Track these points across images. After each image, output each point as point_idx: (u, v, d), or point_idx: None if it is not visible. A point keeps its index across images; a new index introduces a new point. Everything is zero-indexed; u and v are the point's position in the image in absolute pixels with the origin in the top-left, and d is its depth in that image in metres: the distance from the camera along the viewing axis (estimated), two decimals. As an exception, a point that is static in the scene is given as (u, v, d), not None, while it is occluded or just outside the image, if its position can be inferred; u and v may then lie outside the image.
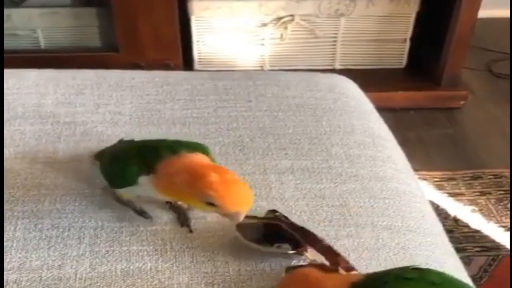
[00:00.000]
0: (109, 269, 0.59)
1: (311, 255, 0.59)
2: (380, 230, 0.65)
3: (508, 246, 1.24)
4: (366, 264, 0.61)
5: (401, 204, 0.69)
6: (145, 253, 0.61)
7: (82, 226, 0.63)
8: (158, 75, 0.89)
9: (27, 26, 1.55)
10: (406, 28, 1.64)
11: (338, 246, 0.62)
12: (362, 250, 0.62)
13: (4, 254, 0.60)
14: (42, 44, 1.58)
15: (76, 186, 0.68)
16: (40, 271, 0.59)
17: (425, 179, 1.43)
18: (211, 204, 0.55)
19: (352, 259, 0.61)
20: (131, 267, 0.60)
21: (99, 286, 0.58)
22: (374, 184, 0.71)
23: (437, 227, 0.71)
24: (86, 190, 0.68)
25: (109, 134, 0.77)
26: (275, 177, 0.71)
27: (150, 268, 0.60)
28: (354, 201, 0.68)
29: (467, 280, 0.65)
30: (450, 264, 0.66)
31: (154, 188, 0.59)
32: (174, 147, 0.60)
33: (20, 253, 0.61)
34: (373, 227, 0.65)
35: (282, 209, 0.66)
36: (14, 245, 0.61)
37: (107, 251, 0.61)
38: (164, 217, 0.65)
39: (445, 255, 0.67)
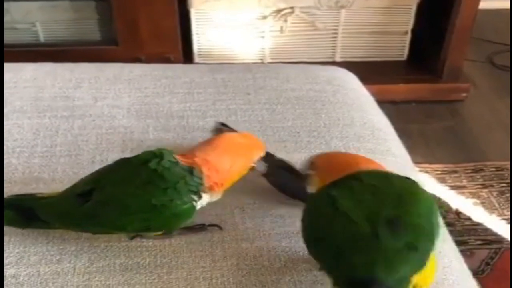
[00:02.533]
0: (108, 264, 0.59)
1: None
2: (379, 223, 0.65)
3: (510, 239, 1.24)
4: (365, 257, 0.61)
5: (400, 198, 0.69)
6: (144, 248, 0.61)
7: (80, 220, 0.63)
8: (157, 68, 0.89)
9: (26, 19, 1.54)
10: (407, 20, 1.63)
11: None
12: None
13: (2, 249, 0.60)
14: (42, 37, 1.58)
15: (74, 180, 0.67)
16: (38, 265, 0.59)
17: (426, 172, 1.42)
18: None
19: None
20: (130, 262, 0.60)
21: (98, 281, 0.58)
22: (373, 178, 0.71)
23: (436, 220, 0.71)
24: (84, 184, 0.68)
25: (107, 128, 0.77)
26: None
27: (149, 263, 0.59)
28: (353, 194, 0.68)
29: (467, 273, 0.65)
30: (450, 256, 0.65)
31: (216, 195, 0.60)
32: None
33: (18, 248, 0.60)
34: None
35: (281, 203, 0.66)
36: (12, 239, 0.61)
37: (106, 246, 0.61)
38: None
39: (444, 248, 0.66)
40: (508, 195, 1.36)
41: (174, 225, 0.60)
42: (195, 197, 0.58)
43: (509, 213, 1.30)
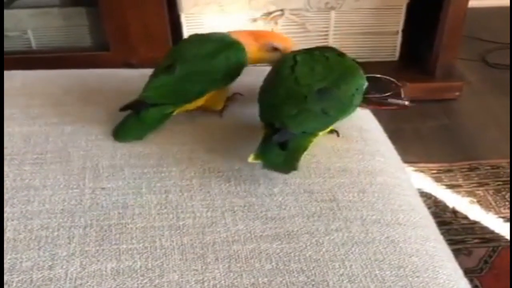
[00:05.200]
0: (99, 268, 0.59)
1: None
2: (369, 223, 0.65)
3: (507, 237, 1.24)
4: (355, 258, 0.61)
5: (390, 198, 0.69)
6: (135, 251, 0.61)
7: (72, 226, 0.63)
8: (147, 73, 0.89)
9: (18, 27, 1.55)
10: (397, 20, 1.64)
11: (327, 241, 0.62)
12: (351, 244, 0.62)
13: (-6, 256, 0.60)
14: (33, 44, 1.59)
15: (65, 186, 0.68)
16: (31, 272, 0.59)
17: (422, 171, 1.43)
18: (275, 49, 0.78)
19: (341, 253, 0.61)
20: (121, 265, 0.60)
21: (90, 286, 0.58)
22: (362, 178, 0.71)
23: (427, 220, 0.71)
24: (75, 190, 0.68)
25: (97, 134, 0.77)
26: (263, 173, 0.70)
27: (140, 267, 0.59)
28: (343, 195, 0.68)
29: (459, 273, 0.65)
30: (441, 255, 0.65)
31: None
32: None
33: (10, 255, 0.60)
34: (363, 221, 0.65)
35: (271, 205, 0.67)
36: (4, 246, 0.61)
37: (97, 250, 0.61)
38: (153, 212, 0.65)
39: (436, 247, 0.66)
40: (504, 193, 1.36)
41: (243, 65, 0.77)
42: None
43: (506, 211, 1.31)
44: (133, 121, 0.75)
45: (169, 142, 0.75)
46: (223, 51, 0.76)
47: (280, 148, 0.68)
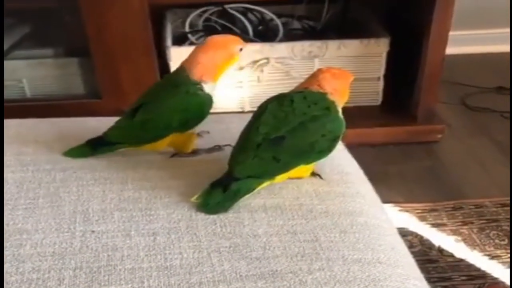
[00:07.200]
0: (89, 310, 0.60)
1: None
2: (351, 263, 0.66)
3: (493, 274, 1.26)
4: (338, 296, 0.62)
5: (370, 238, 0.71)
6: (124, 292, 0.62)
7: (62, 268, 0.65)
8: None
9: (13, 76, 1.59)
10: (378, 67, 1.69)
11: (311, 280, 0.64)
12: (334, 283, 0.63)
13: (-14, 299, 0.62)
14: (28, 93, 1.62)
15: (56, 230, 0.70)
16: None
17: (407, 211, 1.44)
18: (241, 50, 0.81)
19: (324, 293, 0.62)
20: (111, 307, 0.60)
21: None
22: (344, 219, 0.73)
23: (407, 258, 0.72)
24: (66, 233, 0.70)
25: (88, 179, 0.79)
26: (248, 215, 0.73)
27: (129, 308, 0.60)
28: (325, 236, 0.70)
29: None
30: None
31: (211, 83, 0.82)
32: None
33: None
34: (344, 261, 0.66)
35: (256, 246, 0.68)
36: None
37: (87, 292, 0.62)
38: (141, 254, 0.67)
39: (416, 285, 0.68)
40: (488, 231, 1.38)
41: (205, 112, 0.82)
42: (200, 87, 0.80)
43: (491, 248, 1.32)
44: (88, 148, 0.83)
45: (157, 186, 0.78)
46: (181, 104, 0.80)
47: (222, 191, 0.72)
